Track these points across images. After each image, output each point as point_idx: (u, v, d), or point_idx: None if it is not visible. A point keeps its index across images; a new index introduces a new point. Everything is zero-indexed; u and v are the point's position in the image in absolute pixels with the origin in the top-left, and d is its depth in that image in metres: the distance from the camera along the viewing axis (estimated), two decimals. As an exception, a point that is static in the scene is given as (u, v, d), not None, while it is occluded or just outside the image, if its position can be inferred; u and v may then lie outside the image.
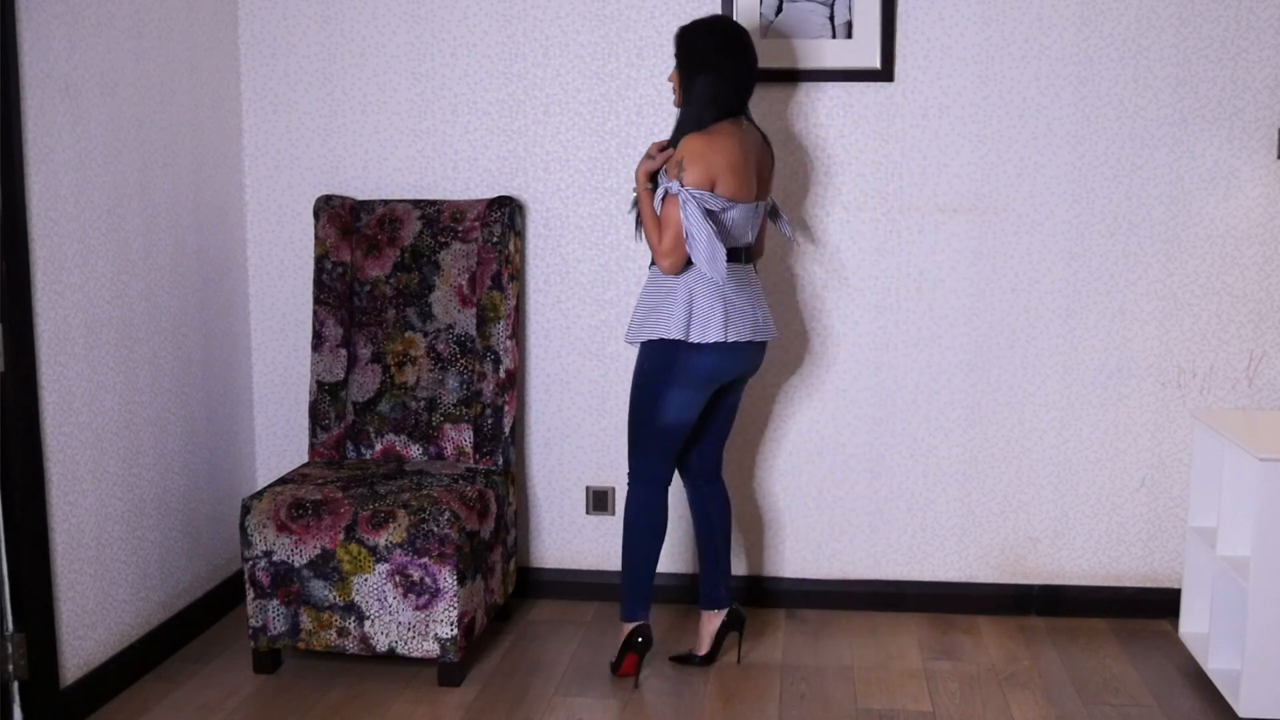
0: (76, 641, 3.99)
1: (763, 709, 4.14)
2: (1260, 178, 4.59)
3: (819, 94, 4.70)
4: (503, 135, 4.85)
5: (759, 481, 4.95)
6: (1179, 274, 4.67)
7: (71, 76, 3.89)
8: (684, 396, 4.11)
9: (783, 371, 4.84)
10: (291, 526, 4.21)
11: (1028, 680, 4.36)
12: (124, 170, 4.18)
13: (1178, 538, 4.82)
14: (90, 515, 4.05)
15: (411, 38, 4.82)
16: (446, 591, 4.16)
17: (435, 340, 4.70)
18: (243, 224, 5.01)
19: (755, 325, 4.11)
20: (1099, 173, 4.64)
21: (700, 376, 4.08)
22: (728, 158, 3.97)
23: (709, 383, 4.12)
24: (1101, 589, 4.88)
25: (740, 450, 4.93)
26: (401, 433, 4.70)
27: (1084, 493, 4.83)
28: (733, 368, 4.14)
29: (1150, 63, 4.57)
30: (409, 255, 4.73)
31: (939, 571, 4.95)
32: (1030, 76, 4.62)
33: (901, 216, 4.74)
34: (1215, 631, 4.23)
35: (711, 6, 4.67)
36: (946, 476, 4.88)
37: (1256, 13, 4.50)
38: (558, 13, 4.75)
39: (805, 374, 4.84)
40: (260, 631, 4.29)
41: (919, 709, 4.15)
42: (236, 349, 4.99)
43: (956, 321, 4.77)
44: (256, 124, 4.96)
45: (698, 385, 4.10)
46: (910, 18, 4.62)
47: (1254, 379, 4.70)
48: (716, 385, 4.15)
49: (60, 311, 3.86)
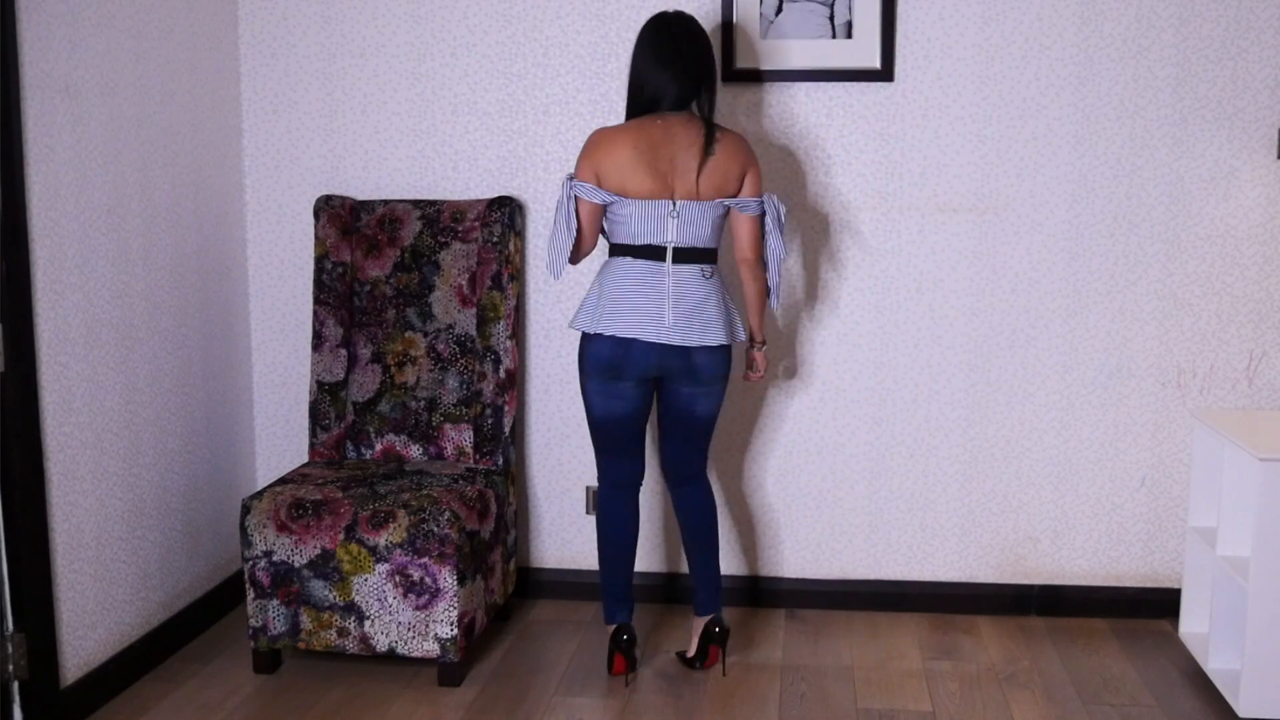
0: (76, 641, 3.99)
1: (763, 709, 4.13)
2: (1260, 178, 4.59)
3: (819, 94, 4.69)
4: (503, 135, 4.85)
5: (759, 481, 4.95)
6: (1179, 274, 4.67)
7: (71, 77, 3.89)
8: (595, 385, 4.15)
9: (782, 371, 4.84)
10: (292, 526, 4.21)
11: (1028, 680, 4.36)
12: (124, 170, 4.18)
13: (1178, 538, 4.82)
14: (90, 515, 4.05)
15: (411, 38, 4.83)
16: (446, 591, 4.16)
17: (435, 340, 4.70)
18: (243, 224, 5.01)
19: (659, 326, 4.02)
20: (1099, 173, 4.64)
21: (596, 365, 4.11)
22: (617, 153, 3.99)
23: (607, 372, 4.10)
24: (1101, 589, 4.88)
25: (739, 450, 4.93)
26: (401, 433, 4.70)
27: (1084, 493, 4.83)
28: (635, 362, 4.07)
29: (1150, 63, 4.56)
30: (409, 255, 4.73)
31: (939, 571, 4.95)
32: (1030, 76, 4.61)
33: (901, 216, 4.73)
34: (1215, 631, 4.22)
35: (711, 6, 4.67)
36: (946, 476, 4.88)
37: (1256, 13, 4.50)
38: (558, 13, 4.75)
39: (805, 374, 4.84)
40: (260, 631, 4.29)
41: (919, 709, 4.15)
42: (236, 349, 4.98)
43: (956, 321, 4.77)
44: (256, 124, 4.96)
45: (600, 374, 4.12)
46: (910, 18, 4.62)
47: (1254, 379, 4.70)
48: (624, 377, 4.10)
49: (60, 311, 3.86)
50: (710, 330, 4.06)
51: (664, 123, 4.02)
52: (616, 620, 4.31)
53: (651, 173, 3.98)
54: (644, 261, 4.04)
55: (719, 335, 4.07)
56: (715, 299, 4.08)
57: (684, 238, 4.03)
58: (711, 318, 4.07)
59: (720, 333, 4.08)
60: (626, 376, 4.10)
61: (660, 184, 3.99)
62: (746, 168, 4.09)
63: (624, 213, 4.02)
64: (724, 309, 4.12)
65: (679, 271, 4.04)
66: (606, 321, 4.05)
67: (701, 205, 4.02)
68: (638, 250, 4.05)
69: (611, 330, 4.03)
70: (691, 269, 4.05)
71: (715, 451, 4.90)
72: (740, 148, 4.09)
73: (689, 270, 4.05)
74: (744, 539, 4.99)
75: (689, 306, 4.03)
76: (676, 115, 4.04)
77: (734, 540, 4.99)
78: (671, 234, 4.02)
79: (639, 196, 3.99)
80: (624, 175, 3.98)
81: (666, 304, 4.02)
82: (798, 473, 4.91)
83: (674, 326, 4.02)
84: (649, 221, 4.02)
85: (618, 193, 4.00)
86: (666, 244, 4.03)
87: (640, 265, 4.04)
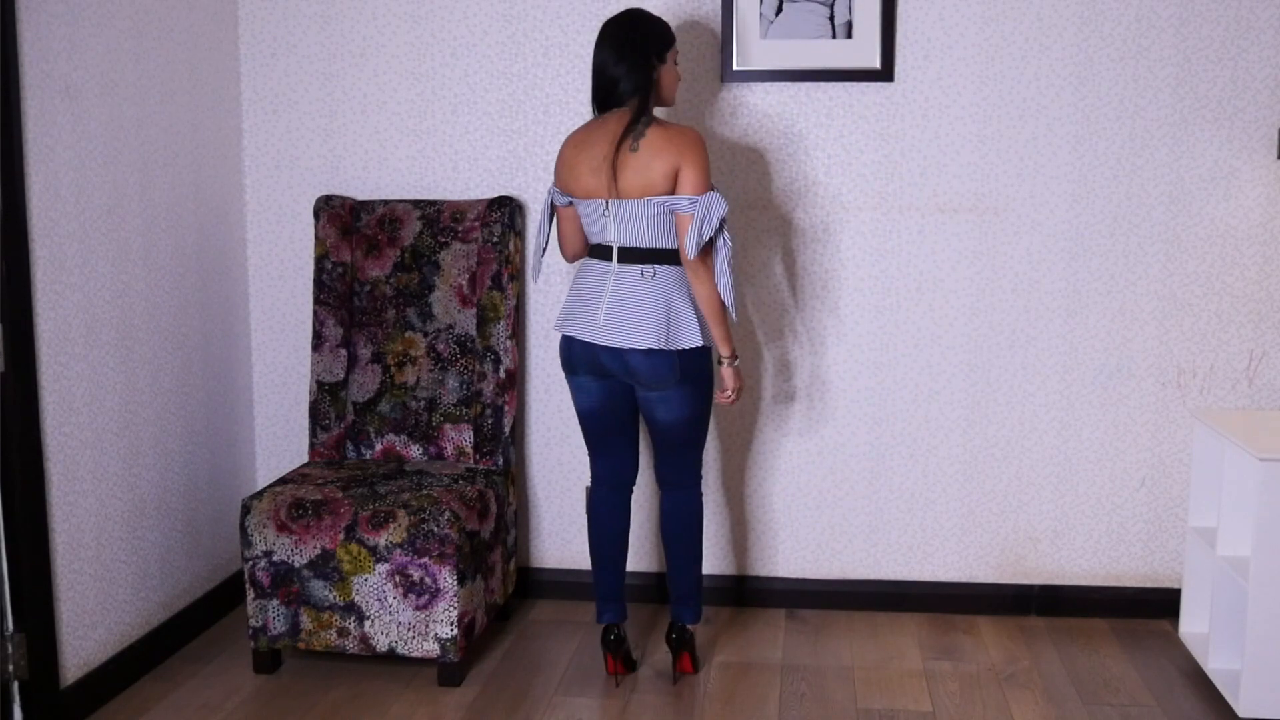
0: (76, 641, 3.99)
1: (763, 709, 4.14)
2: (1260, 178, 4.59)
3: (819, 94, 4.69)
4: (503, 135, 4.85)
5: (759, 481, 4.95)
6: (1179, 274, 4.67)
7: (71, 77, 3.89)
8: (570, 381, 4.24)
9: (782, 372, 4.84)
10: (291, 526, 4.21)
11: (1028, 680, 4.36)
12: (124, 170, 4.18)
13: (1178, 538, 4.82)
14: (90, 515, 4.05)
15: (411, 38, 4.83)
16: (446, 591, 4.16)
17: (435, 340, 4.70)
18: (243, 224, 5.01)
19: (593, 327, 4.03)
20: (1099, 173, 4.64)
21: (564, 362, 4.20)
22: (565, 154, 4.08)
23: (565, 366, 4.19)
24: (1101, 589, 4.88)
25: (740, 450, 4.93)
26: (401, 433, 4.70)
27: (1084, 493, 4.83)
28: (579, 359, 4.12)
29: (1150, 63, 4.57)
30: (409, 255, 4.73)
31: (939, 571, 4.95)
32: (1030, 76, 4.62)
33: (901, 217, 4.73)
34: (1215, 631, 4.22)
35: (712, 6, 4.67)
36: (946, 476, 4.88)
37: (1256, 13, 4.50)
38: (558, 13, 4.75)
39: (805, 374, 4.84)
40: (260, 631, 4.29)
41: (919, 709, 4.15)
42: (236, 349, 4.99)
43: (956, 321, 4.77)
44: (256, 124, 4.97)
45: (565, 368, 4.20)
46: (910, 18, 4.62)
47: (1254, 379, 4.70)
48: (578, 373, 4.16)
49: (60, 311, 3.86)
50: (641, 333, 3.96)
51: (601, 120, 4.03)
52: (603, 620, 4.32)
53: (589, 171, 3.98)
54: (596, 262, 4.09)
55: (649, 339, 3.95)
56: (654, 301, 3.97)
57: (623, 237, 3.99)
58: (646, 320, 3.96)
59: (651, 336, 3.95)
60: (580, 372, 4.16)
61: (596, 182, 3.97)
62: (679, 164, 3.89)
63: (577, 212, 4.09)
64: (664, 312, 3.97)
65: (621, 271, 4.02)
66: (561, 320, 4.16)
67: (632, 204, 3.93)
68: (593, 249, 4.11)
69: (560, 329, 4.16)
70: (633, 269, 4.01)
71: (715, 452, 4.90)
72: (672, 143, 3.90)
73: (630, 270, 4.01)
74: (744, 539, 4.99)
75: (623, 308, 3.99)
76: (617, 112, 4.00)
77: (734, 540, 4.99)
78: (611, 233, 4.01)
79: (580, 196, 4.03)
80: (568, 175, 4.04)
81: (602, 304, 4.02)
82: (797, 472, 4.90)
83: (605, 327, 4.01)
84: (592, 220, 4.05)
85: (567, 193, 4.06)
86: (610, 243, 4.03)
87: (593, 266, 4.10)
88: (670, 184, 3.90)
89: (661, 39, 4.04)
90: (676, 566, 4.31)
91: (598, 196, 3.97)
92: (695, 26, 4.70)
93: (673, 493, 4.30)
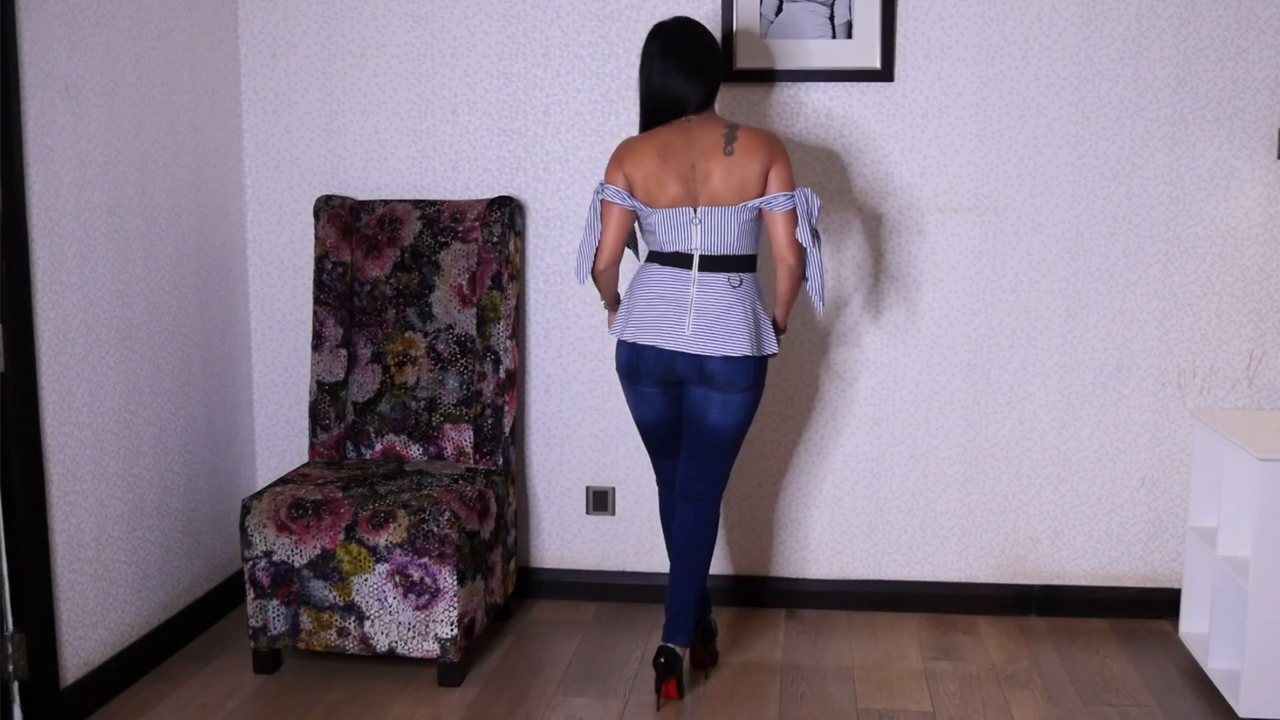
0: (76, 641, 4.00)
1: (763, 709, 4.14)
2: (1260, 178, 4.60)
3: (819, 94, 4.71)
4: (503, 135, 4.86)
5: (759, 481, 4.96)
6: (1179, 274, 4.68)
7: (71, 77, 3.90)
8: (625, 389, 4.21)
9: (782, 373, 4.84)
10: (291, 526, 4.22)
11: (1028, 680, 4.37)
12: (124, 170, 4.19)
13: (1178, 538, 4.83)
14: (90, 515, 4.06)
15: (411, 38, 4.84)
16: (446, 591, 4.17)
17: (435, 340, 4.71)
18: (243, 224, 5.02)
19: (679, 336, 3.97)
20: (1099, 173, 4.65)
21: (620, 369, 4.15)
22: (645, 162, 3.98)
23: (628, 376, 4.13)
24: (1101, 589, 4.89)
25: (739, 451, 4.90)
26: (401, 433, 4.71)
27: (1084, 493, 4.84)
28: (649, 368, 4.06)
29: (1150, 63, 4.58)
30: (409, 255, 4.74)
31: (939, 571, 4.96)
32: (1030, 76, 4.63)
33: (901, 216, 4.74)
34: (1215, 632, 4.24)
35: (712, 6, 4.68)
36: (946, 476, 4.89)
37: (1256, 13, 4.52)
38: (558, 13, 4.76)
39: (805, 375, 4.84)
40: (260, 631, 4.30)
41: (919, 709, 4.16)
42: (236, 349, 5.00)
43: (957, 321, 4.78)
44: (256, 124, 4.98)
45: (624, 377, 4.16)
46: (910, 18, 4.63)
47: (1254, 379, 4.71)
48: (643, 382, 4.11)
49: (60, 311, 3.87)
50: (733, 341, 3.95)
51: (684, 127, 3.99)
52: (665, 639, 4.18)
53: (675, 179, 3.94)
54: (670, 269, 4.00)
55: (744, 346, 3.96)
56: (741, 309, 3.97)
57: (709, 245, 3.96)
58: (735, 328, 3.96)
59: (745, 344, 3.96)
60: (645, 382, 4.11)
61: (683, 190, 3.94)
62: (770, 164, 3.94)
63: (651, 221, 4.00)
64: (752, 320, 3.99)
65: (704, 280, 3.97)
66: (629, 329, 4.05)
67: (725, 210, 3.94)
68: (665, 257, 4.01)
69: (631, 337, 4.04)
70: (718, 277, 3.97)
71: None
72: (760, 144, 3.95)
73: (715, 279, 3.97)
74: (744, 538, 5.00)
75: (711, 317, 3.95)
76: (697, 117, 4.01)
77: (734, 540, 5.00)
78: (696, 241, 3.96)
79: (663, 205, 3.96)
80: (650, 184, 3.96)
81: (688, 313, 3.96)
82: (798, 472, 4.91)
83: (694, 337, 3.95)
84: (674, 229, 3.97)
85: (645, 202, 3.98)
86: (692, 251, 3.97)
87: (666, 272, 4.00)
88: (762, 185, 3.95)
89: (717, 45, 4.12)
90: (682, 583, 4.17)
91: (684, 204, 3.95)
92: (695, 26, 4.70)
93: (697, 507, 4.19)
